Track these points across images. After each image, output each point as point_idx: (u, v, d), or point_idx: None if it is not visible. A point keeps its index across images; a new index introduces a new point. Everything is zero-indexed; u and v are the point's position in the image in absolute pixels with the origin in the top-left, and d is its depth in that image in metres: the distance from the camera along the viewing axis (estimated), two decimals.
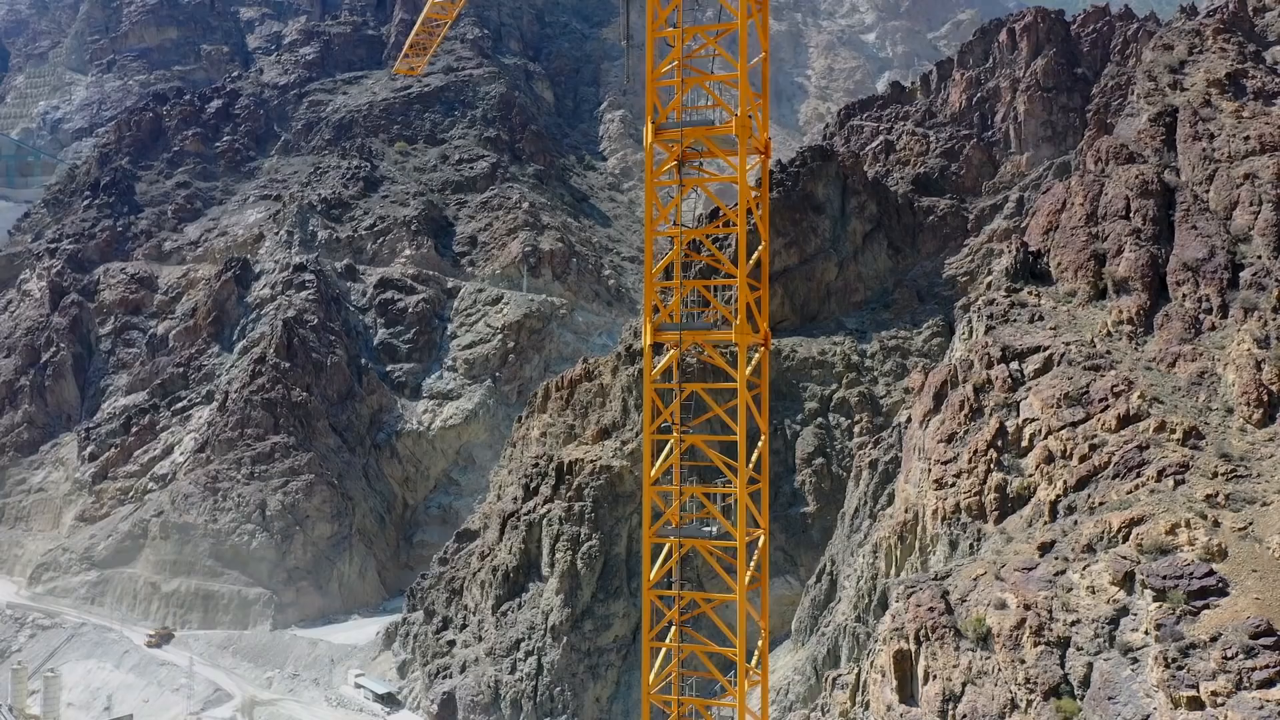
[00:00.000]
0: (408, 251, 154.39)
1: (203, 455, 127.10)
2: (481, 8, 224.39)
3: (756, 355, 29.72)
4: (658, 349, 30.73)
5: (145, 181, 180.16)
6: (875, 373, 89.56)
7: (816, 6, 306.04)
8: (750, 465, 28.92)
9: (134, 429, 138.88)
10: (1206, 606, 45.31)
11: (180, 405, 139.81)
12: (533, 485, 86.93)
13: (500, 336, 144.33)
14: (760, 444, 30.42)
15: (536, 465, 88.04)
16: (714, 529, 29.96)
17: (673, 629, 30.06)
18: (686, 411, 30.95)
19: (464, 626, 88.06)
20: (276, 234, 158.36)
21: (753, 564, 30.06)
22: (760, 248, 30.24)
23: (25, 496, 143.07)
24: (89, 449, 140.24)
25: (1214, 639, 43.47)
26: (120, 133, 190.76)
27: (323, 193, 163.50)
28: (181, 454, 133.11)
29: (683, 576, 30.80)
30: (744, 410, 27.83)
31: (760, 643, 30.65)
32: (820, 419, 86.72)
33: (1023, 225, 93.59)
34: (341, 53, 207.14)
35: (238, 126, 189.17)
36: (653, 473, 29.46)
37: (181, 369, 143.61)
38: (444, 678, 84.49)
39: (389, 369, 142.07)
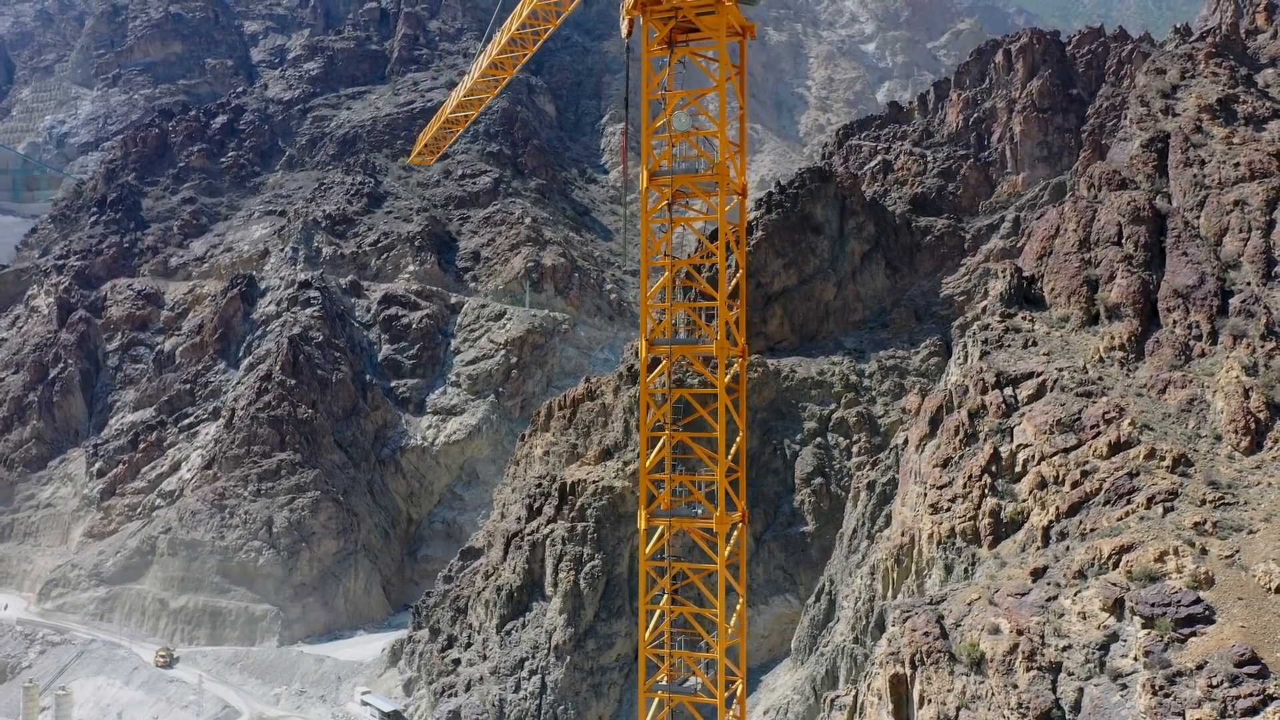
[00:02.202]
0: (411, 267, 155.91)
1: (210, 472, 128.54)
2: (483, 22, 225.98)
3: (734, 366, 34.43)
4: (656, 360, 36.44)
5: (151, 197, 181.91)
6: (873, 392, 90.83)
7: (817, 17, 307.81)
8: (729, 456, 33.99)
9: (141, 445, 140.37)
10: (1194, 634, 46.39)
11: (187, 422, 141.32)
12: (536, 505, 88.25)
13: (503, 352, 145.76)
14: (739, 439, 35.27)
15: (540, 485, 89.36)
16: (699, 510, 35.63)
17: (665, 596, 35.84)
18: (677, 413, 37.04)
19: (469, 645, 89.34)
20: (281, 250, 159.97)
21: (732, 541, 35.06)
22: (739, 274, 34.66)
23: (34, 512, 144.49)
24: (97, 465, 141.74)
25: (1200, 667, 44.56)
26: (126, 148, 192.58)
27: (327, 209, 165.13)
28: (189, 471, 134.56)
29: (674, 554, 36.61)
30: (723, 411, 32.94)
31: (739, 605, 36.24)
32: (819, 439, 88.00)
33: (1018, 246, 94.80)
34: (345, 68, 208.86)
35: (243, 142, 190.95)
36: (647, 463, 34.82)
37: (188, 386, 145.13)
38: (449, 696, 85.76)
39: (393, 385, 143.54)
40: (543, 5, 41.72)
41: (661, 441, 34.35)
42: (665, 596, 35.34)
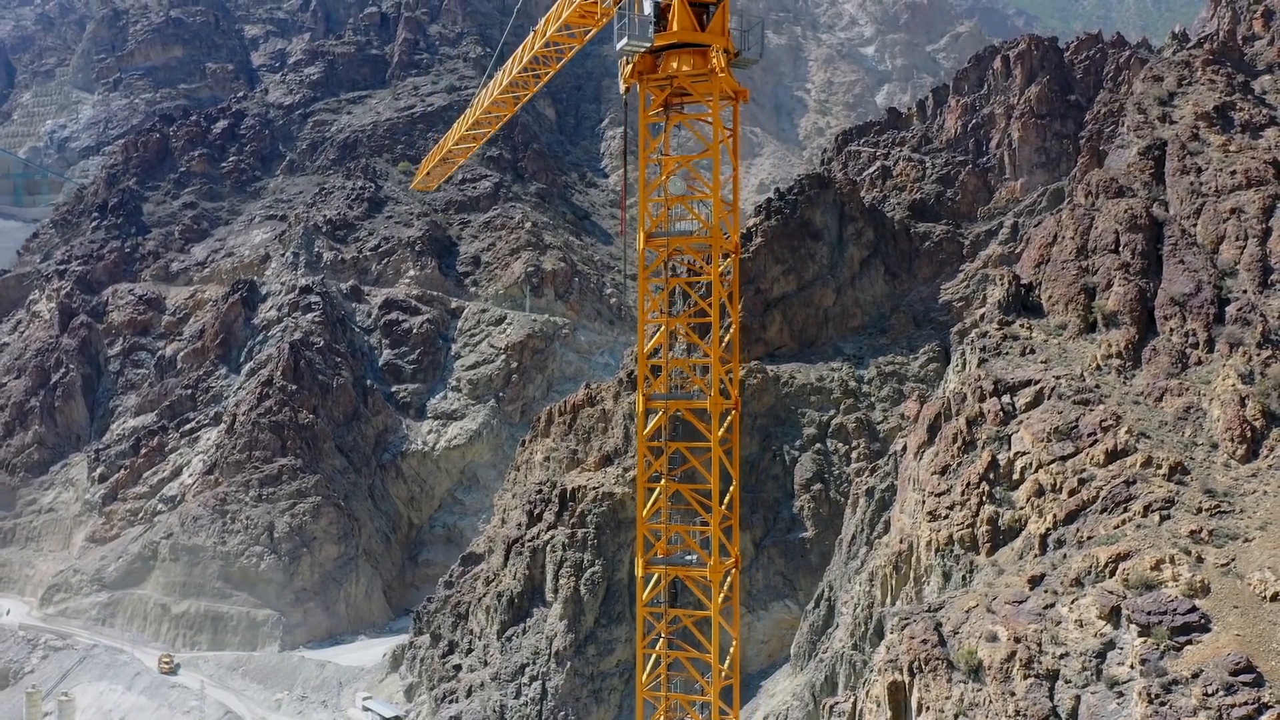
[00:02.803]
0: (412, 272, 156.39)
1: (211, 477, 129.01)
2: (484, 26, 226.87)
3: (728, 418, 35.04)
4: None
5: (152, 202, 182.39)
6: (872, 398, 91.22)
7: (816, 20, 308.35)
8: (723, 505, 35.19)
9: (143, 450, 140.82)
10: (1189, 642, 46.74)
11: (189, 427, 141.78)
12: (536, 511, 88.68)
13: (503, 357, 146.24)
14: (731, 488, 36.11)
15: (540, 491, 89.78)
16: (693, 558, 36.98)
17: (661, 640, 37.57)
18: (674, 464, 38.37)
19: (469, 651, 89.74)
20: (282, 255, 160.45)
21: (725, 586, 36.19)
22: (732, 329, 35.79)
23: (36, 517, 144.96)
24: (99, 470, 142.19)
25: (1196, 675, 44.91)
26: (127, 153, 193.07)
27: (328, 214, 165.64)
28: (190, 476, 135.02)
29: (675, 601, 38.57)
30: (717, 464, 34.32)
31: (732, 650, 37.66)
32: (818, 445, 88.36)
33: (1017, 252, 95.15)
34: (346, 72, 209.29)
35: (243, 147, 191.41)
36: (644, 512, 36.23)
37: (189, 391, 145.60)
38: (450, 702, 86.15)
39: (394, 389, 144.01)
40: (543, 52, 42.05)
41: (657, 492, 35.74)
42: (661, 641, 36.84)
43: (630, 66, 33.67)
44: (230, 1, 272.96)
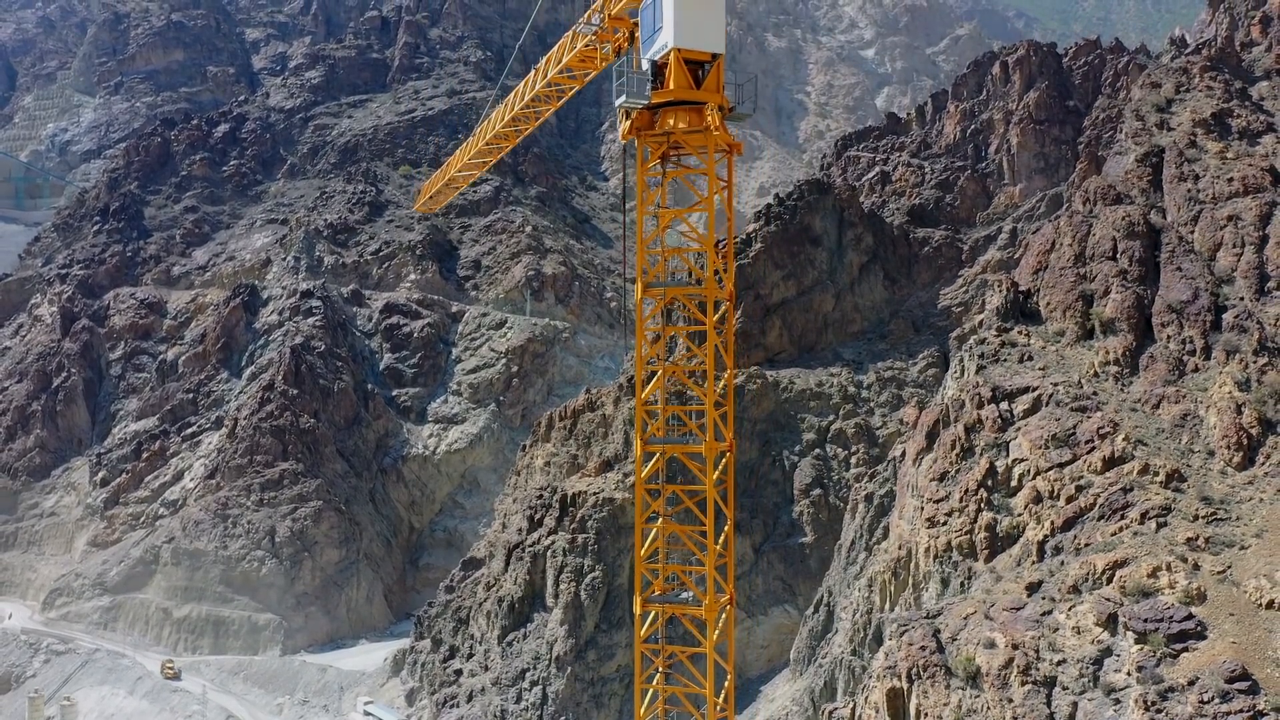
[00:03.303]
0: (413, 276, 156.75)
1: (213, 482, 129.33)
2: (484, 30, 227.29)
3: (723, 460, 36.03)
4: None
5: (154, 206, 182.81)
6: (872, 403, 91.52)
7: (816, 23, 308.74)
8: (718, 544, 36.02)
9: (144, 455, 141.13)
10: (1185, 650, 47.11)
11: (190, 431, 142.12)
12: (537, 517, 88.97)
13: (504, 361, 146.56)
14: (726, 527, 36.94)
15: (540, 497, 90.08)
16: (689, 596, 37.70)
17: (658, 676, 38.52)
18: (671, 503, 39.38)
19: (470, 656, 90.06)
20: (283, 259, 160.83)
21: (720, 623, 36.70)
22: (726, 374, 36.82)
23: (38, 521, 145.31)
24: (100, 474, 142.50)
25: (1191, 682, 45.26)
26: (129, 157, 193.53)
27: (328, 217, 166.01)
28: (192, 480, 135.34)
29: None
30: (711, 505, 35.23)
31: (726, 684, 38.28)
32: (818, 450, 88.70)
33: (1016, 257, 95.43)
34: (346, 76, 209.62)
35: (244, 150, 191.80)
36: (643, 552, 37.42)
37: (191, 395, 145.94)
38: (451, 706, 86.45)
39: (395, 393, 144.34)
40: (544, 91, 42.97)
41: (654, 533, 36.89)
42: (659, 675, 38.11)
43: (629, 122, 34.51)
44: (231, 5, 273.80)
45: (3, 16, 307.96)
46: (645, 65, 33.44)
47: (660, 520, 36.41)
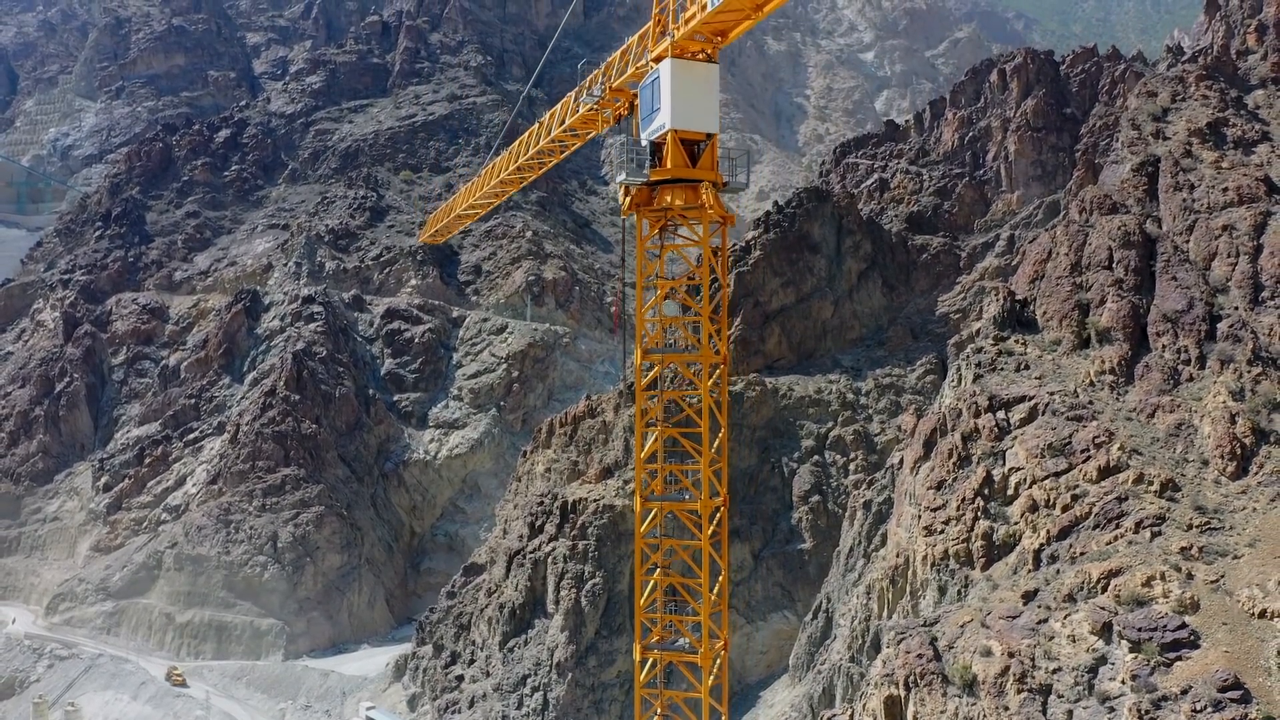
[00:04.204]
0: (414, 281, 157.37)
1: (215, 487, 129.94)
2: (484, 34, 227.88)
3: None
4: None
5: (156, 211, 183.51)
6: (870, 410, 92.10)
7: (815, 26, 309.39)
8: (713, 594, 37.94)
9: (147, 460, 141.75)
10: (1179, 659, 47.65)
11: (192, 436, 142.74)
12: (537, 523, 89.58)
13: (505, 365, 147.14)
14: (720, 579, 38.70)
15: (541, 504, 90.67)
16: (685, 644, 38.91)
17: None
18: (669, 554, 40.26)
19: (472, 661, 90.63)
20: (285, 265, 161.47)
21: (715, 667, 38.05)
22: (721, 433, 38.11)
23: (41, 525, 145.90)
24: (103, 479, 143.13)
25: (1185, 691, 45.77)
26: (131, 162, 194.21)
27: (330, 223, 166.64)
28: (194, 485, 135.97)
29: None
30: (706, 559, 36.70)
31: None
32: (817, 456, 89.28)
33: (1013, 264, 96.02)
34: (347, 81, 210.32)
35: (246, 155, 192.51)
36: (642, 601, 38.83)
37: (193, 400, 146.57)
38: (453, 712, 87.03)
39: (396, 399, 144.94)
40: (562, 136, 44.08)
41: (652, 584, 38.91)
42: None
43: (629, 199, 36.69)
44: (232, 9, 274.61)
45: (3, 20, 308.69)
46: (644, 142, 35.29)
47: (658, 572, 37.89)
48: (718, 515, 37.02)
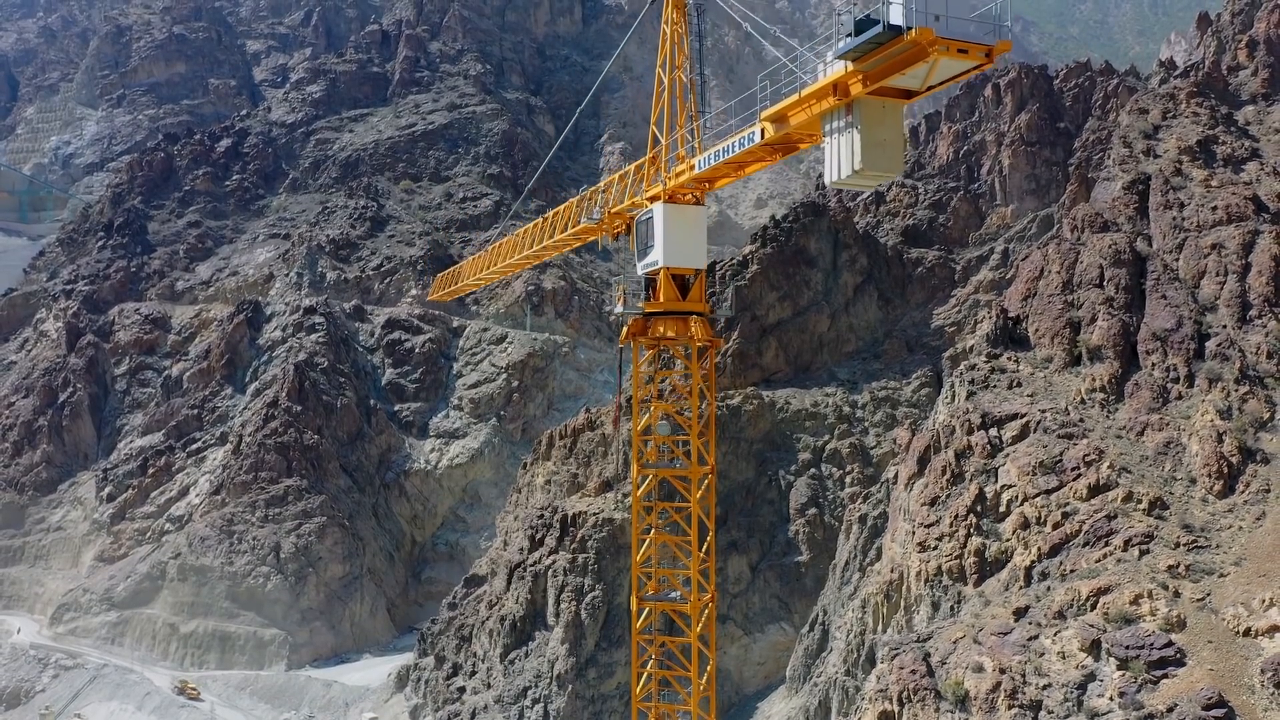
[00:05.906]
0: (414, 291, 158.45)
1: (218, 498, 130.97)
2: (483, 43, 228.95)
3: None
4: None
5: (157, 221, 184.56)
6: (866, 423, 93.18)
7: (814, 32, 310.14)
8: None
9: (150, 470, 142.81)
10: (1165, 676, 48.73)
11: (195, 447, 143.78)
12: (538, 536, 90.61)
13: (505, 375, 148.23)
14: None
15: (541, 516, 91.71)
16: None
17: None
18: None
19: (473, 673, 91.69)
20: (286, 275, 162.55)
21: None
22: (710, 535, 42.20)
23: (45, 535, 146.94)
24: (107, 489, 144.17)
25: (1171, 709, 46.85)
26: (132, 172, 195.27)
27: (330, 233, 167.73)
28: (197, 496, 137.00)
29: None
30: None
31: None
32: (813, 469, 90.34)
33: (1007, 277, 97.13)
34: (347, 90, 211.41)
35: (247, 165, 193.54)
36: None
37: (195, 411, 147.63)
38: None
39: (397, 409, 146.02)
40: (564, 240, 47.82)
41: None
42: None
43: (626, 329, 41.49)
44: (232, 17, 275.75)
45: (3, 26, 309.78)
46: (640, 274, 40.16)
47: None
48: (705, 611, 41.30)
